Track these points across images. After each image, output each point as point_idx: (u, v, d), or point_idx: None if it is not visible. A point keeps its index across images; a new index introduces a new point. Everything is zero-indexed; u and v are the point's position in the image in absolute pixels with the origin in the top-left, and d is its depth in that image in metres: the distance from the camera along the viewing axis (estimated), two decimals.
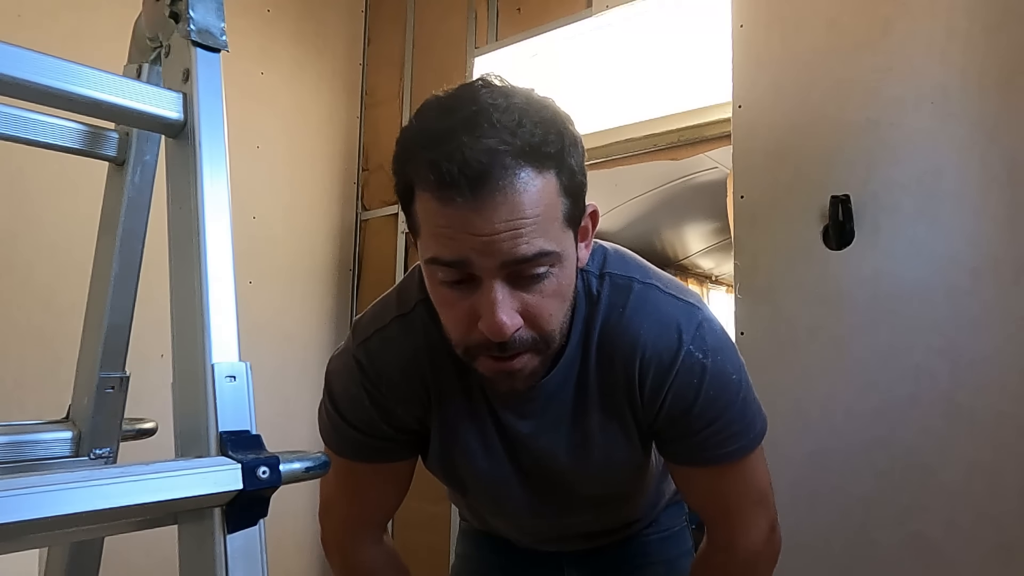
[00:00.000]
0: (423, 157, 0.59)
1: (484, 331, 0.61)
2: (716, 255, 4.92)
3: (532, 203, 0.59)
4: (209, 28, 0.54)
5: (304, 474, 0.47)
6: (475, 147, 0.57)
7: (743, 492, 0.79)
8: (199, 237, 0.50)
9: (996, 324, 1.30)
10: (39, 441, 0.63)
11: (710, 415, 0.73)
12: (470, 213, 0.58)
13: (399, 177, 0.65)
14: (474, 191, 0.57)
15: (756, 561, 0.81)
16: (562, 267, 0.64)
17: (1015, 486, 1.26)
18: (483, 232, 0.58)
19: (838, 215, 1.45)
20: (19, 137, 0.60)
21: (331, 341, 2.50)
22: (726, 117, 1.70)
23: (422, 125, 0.62)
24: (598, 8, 2.00)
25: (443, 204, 0.59)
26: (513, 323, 0.61)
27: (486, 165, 0.57)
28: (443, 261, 0.61)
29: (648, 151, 1.97)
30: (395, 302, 0.80)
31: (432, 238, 0.62)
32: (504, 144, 0.57)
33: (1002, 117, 1.33)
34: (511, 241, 0.58)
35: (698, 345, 0.72)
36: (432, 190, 0.59)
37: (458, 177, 0.57)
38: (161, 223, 0.56)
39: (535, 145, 0.59)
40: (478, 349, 0.65)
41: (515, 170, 0.58)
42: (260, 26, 2.34)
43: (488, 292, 0.60)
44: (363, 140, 2.64)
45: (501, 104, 0.59)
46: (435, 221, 0.60)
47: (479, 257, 0.59)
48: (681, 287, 0.78)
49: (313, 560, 2.37)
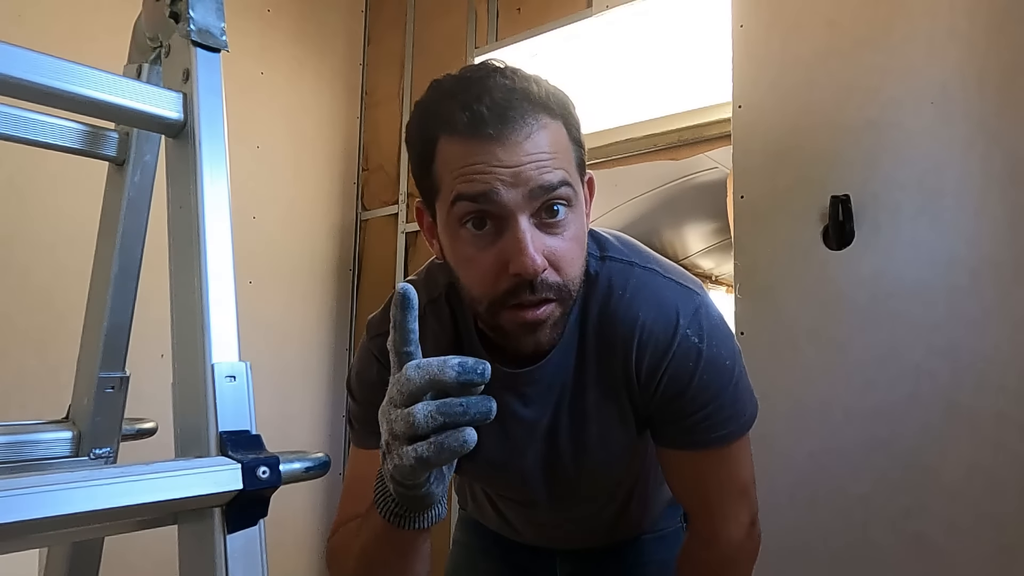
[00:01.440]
0: (451, 104, 0.64)
1: (515, 270, 0.63)
2: (716, 255, 4.92)
3: (551, 142, 0.64)
4: (209, 28, 0.54)
5: (304, 474, 0.47)
6: (500, 88, 0.63)
7: (727, 481, 0.80)
8: (199, 237, 0.50)
9: (996, 324, 1.30)
10: (39, 441, 0.63)
11: (703, 399, 0.74)
12: (497, 147, 0.62)
13: (419, 137, 0.68)
14: (502, 125, 0.62)
15: (737, 554, 0.82)
16: (576, 213, 0.67)
17: (1015, 486, 1.26)
18: (510, 163, 0.62)
19: (838, 215, 1.45)
20: (19, 137, 0.60)
21: (331, 341, 2.50)
22: (726, 117, 1.70)
23: (443, 86, 0.67)
24: (598, 8, 2.00)
25: (471, 141, 0.62)
26: (542, 260, 0.63)
27: (510, 102, 0.62)
28: (469, 195, 0.63)
29: (648, 151, 1.98)
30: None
31: (458, 179, 0.64)
32: (524, 90, 0.64)
33: (1002, 117, 1.33)
34: (536, 171, 0.62)
35: (695, 329, 0.73)
36: (460, 130, 0.63)
37: (487, 114, 0.61)
38: (161, 223, 0.56)
39: (548, 95, 0.66)
40: (506, 299, 0.65)
41: (534, 112, 0.64)
42: (260, 26, 2.34)
43: (516, 230, 0.63)
44: (363, 140, 2.64)
45: (511, 69, 0.66)
46: (462, 161, 0.63)
47: (506, 189, 0.62)
48: (681, 272, 0.79)
49: (313, 560, 2.37)
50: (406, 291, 0.54)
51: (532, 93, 0.64)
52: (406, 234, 2.45)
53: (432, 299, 0.80)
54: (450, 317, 0.79)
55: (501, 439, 0.81)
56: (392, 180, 2.53)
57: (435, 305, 0.79)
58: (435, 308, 0.79)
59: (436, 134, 0.65)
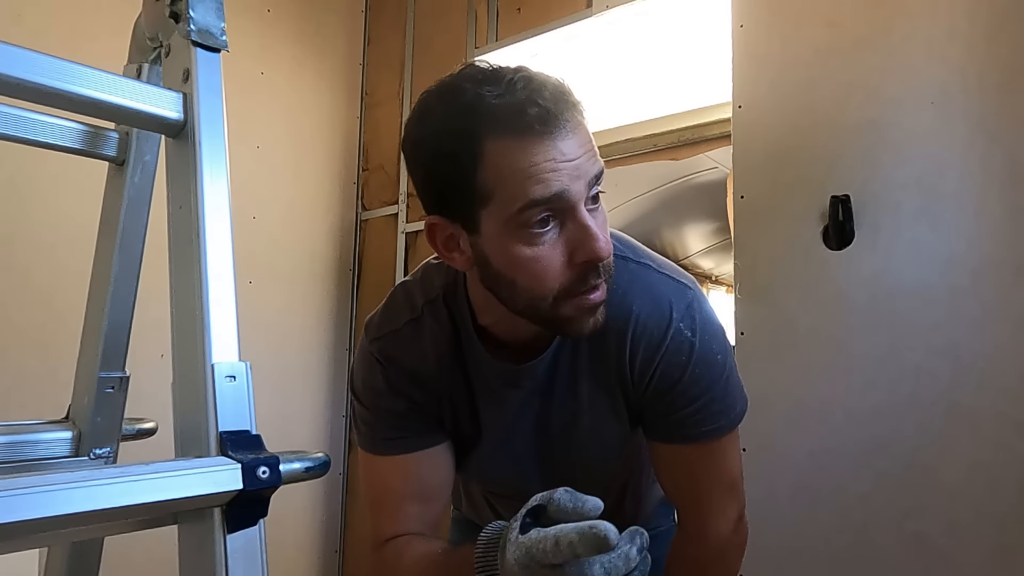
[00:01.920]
0: (500, 107, 0.62)
1: (587, 256, 0.64)
2: (716, 255, 4.92)
3: (588, 131, 0.66)
4: (209, 28, 0.54)
5: (304, 474, 0.47)
6: (546, 88, 0.64)
7: (716, 475, 0.81)
8: (199, 237, 0.50)
9: (996, 324, 1.30)
10: (39, 441, 0.63)
11: (694, 392, 0.75)
12: (561, 143, 0.62)
13: (452, 144, 0.64)
14: (557, 120, 0.62)
15: (725, 548, 0.83)
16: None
17: (1015, 486, 1.26)
18: (574, 156, 0.63)
19: (838, 215, 1.45)
20: (19, 137, 0.60)
21: (331, 341, 2.50)
22: (726, 117, 1.70)
23: (476, 89, 0.63)
24: (598, 8, 2.00)
25: (534, 142, 0.62)
26: (608, 242, 0.65)
27: (559, 100, 0.63)
28: (543, 199, 0.62)
29: (648, 151, 1.97)
30: (406, 306, 0.81)
31: (525, 181, 0.62)
32: (556, 85, 0.65)
33: (1002, 117, 1.33)
34: (590, 161, 0.64)
35: (688, 323, 0.74)
36: (519, 133, 0.62)
37: (546, 114, 0.62)
38: (161, 223, 0.56)
39: (568, 89, 0.67)
40: (574, 287, 0.66)
41: (572, 105, 0.65)
42: (260, 26, 2.34)
43: (582, 220, 0.64)
44: (363, 140, 2.64)
45: (523, 67, 0.67)
46: (527, 162, 0.62)
47: (573, 183, 0.63)
48: (675, 268, 0.80)
49: (313, 560, 2.37)
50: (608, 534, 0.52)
51: (562, 87, 0.66)
52: (406, 234, 2.45)
53: (430, 300, 0.80)
54: (448, 318, 0.79)
55: (502, 433, 0.81)
56: (392, 180, 2.53)
57: (433, 306, 0.80)
58: (433, 309, 0.80)
59: (481, 138, 0.62)
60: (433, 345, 0.79)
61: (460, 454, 0.84)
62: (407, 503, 0.82)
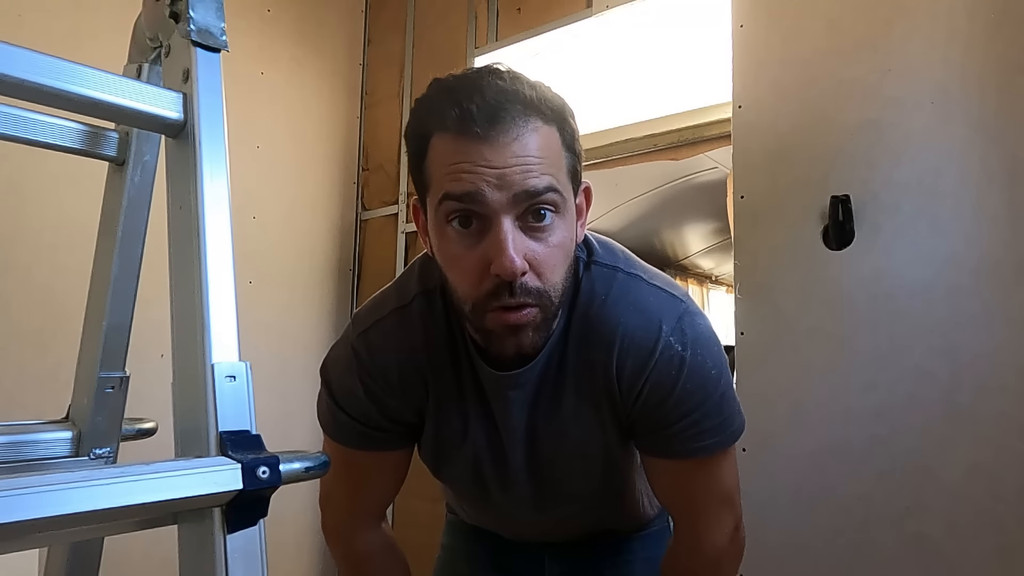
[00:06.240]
0: (444, 101, 0.64)
1: (495, 271, 0.63)
2: (716, 255, 4.93)
3: (541, 146, 0.64)
4: (209, 28, 0.54)
5: (304, 474, 0.47)
6: (493, 89, 0.63)
7: (711, 490, 0.80)
8: (199, 237, 0.50)
9: (996, 324, 1.30)
10: (39, 441, 0.63)
11: (685, 408, 0.73)
12: (484, 147, 0.62)
13: (414, 133, 0.69)
14: (490, 125, 0.62)
15: (720, 559, 0.82)
16: (564, 219, 0.67)
17: (1015, 486, 1.26)
18: (497, 164, 0.62)
19: (838, 215, 1.45)
20: (19, 137, 0.60)
21: (331, 341, 2.48)
22: (726, 117, 1.70)
23: (441, 85, 0.68)
24: (598, 8, 2.00)
25: (460, 140, 0.63)
26: (521, 263, 0.63)
27: (502, 104, 0.63)
28: (455, 195, 0.63)
29: (648, 151, 1.97)
30: (394, 295, 0.81)
31: (446, 176, 0.64)
32: (517, 93, 0.64)
33: (1002, 117, 1.33)
34: (522, 175, 0.62)
35: (678, 337, 0.72)
36: (451, 128, 0.63)
37: (476, 113, 0.62)
38: (161, 223, 0.56)
39: (541, 100, 0.65)
40: (488, 300, 0.65)
41: (525, 116, 0.64)
42: (260, 26, 2.34)
43: (498, 231, 0.63)
44: (363, 140, 2.64)
45: (510, 73, 0.67)
46: (450, 159, 0.64)
47: (491, 191, 0.62)
48: (666, 280, 0.78)
49: (313, 560, 2.37)
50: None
51: (525, 96, 0.64)
52: (406, 234, 2.45)
53: (427, 289, 0.79)
54: (444, 310, 0.78)
55: (490, 442, 0.80)
56: (392, 180, 2.53)
57: (429, 297, 0.79)
58: (429, 299, 0.79)
59: (430, 131, 0.66)
60: (424, 336, 0.78)
61: (444, 455, 0.83)
62: (355, 493, 0.88)
